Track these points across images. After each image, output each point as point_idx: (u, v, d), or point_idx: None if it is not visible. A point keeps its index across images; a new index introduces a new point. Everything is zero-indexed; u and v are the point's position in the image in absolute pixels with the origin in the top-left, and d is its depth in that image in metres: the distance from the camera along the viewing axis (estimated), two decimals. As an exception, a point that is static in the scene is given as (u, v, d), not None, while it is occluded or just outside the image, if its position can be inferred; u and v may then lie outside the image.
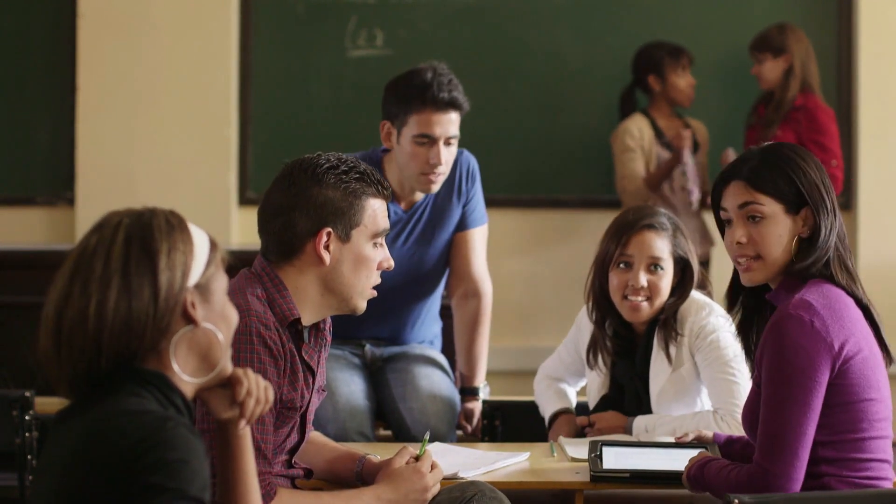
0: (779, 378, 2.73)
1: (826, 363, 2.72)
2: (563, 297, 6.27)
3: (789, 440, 2.71)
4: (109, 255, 2.02)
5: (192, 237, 2.09)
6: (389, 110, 3.95)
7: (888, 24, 6.28)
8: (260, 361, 2.69)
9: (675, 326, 3.53)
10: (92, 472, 1.91)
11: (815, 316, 2.73)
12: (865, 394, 2.76)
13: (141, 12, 6.15)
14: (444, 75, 3.93)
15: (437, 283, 4.14)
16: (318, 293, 2.81)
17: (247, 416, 2.15)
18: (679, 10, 6.32)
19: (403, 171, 3.93)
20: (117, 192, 6.04)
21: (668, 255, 3.57)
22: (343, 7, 6.27)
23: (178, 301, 2.04)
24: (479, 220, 4.13)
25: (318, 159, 2.81)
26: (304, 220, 2.77)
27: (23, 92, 6.30)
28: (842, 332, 2.74)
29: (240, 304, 2.67)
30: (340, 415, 3.85)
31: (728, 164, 2.94)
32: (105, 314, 1.99)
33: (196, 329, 2.06)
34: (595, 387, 3.65)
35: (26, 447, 3.73)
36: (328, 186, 2.78)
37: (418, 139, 3.88)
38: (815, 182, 2.82)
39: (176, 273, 2.04)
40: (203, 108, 6.18)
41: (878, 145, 6.19)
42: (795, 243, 2.82)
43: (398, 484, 2.83)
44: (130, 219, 2.06)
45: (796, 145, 2.93)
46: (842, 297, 2.80)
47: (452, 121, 3.91)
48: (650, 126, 5.99)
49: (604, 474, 3.01)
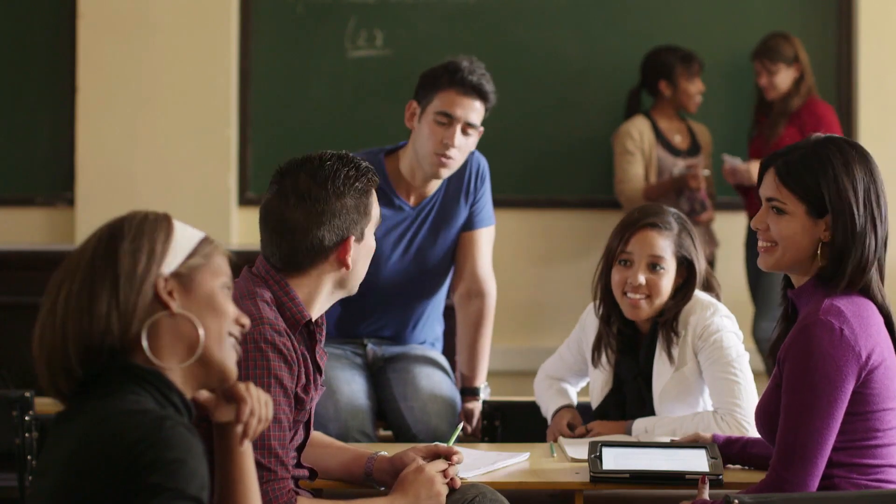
0: (803, 385, 2.70)
1: (853, 373, 2.70)
2: (563, 298, 6.27)
3: (808, 449, 2.70)
4: (83, 251, 2.06)
5: (171, 228, 2.09)
6: (419, 91, 4.00)
7: (887, 26, 6.29)
8: (274, 368, 2.69)
9: (677, 327, 3.52)
10: (91, 472, 1.91)
11: (845, 323, 2.70)
12: (885, 403, 2.74)
13: (141, 13, 6.15)
14: (479, 66, 3.99)
15: (441, 282, 4.15)
16: (329, 291, 2.83)
17: (249, 434, 2.16)
18: (679, 13, 6.33)
19: (418, 152, 3.94)
20: (117, 192, 6.05)
21: (671, 255, 3.56)
22: (343, 7, 6.27)
23: (144, 285, 2.03)
24: (487, 220, 4.14)
25: (326, 168, 2.78)
26: (330, 234, 2.77)
27: (23, 92, 6.30)
28: (869, 341, 2.71)
29: (251, 312, 2.68)
30: (342, 414, 3.86)
31: (775, 151, 2.88)
32: (69, 302, 2.02)
33: (175, 317, 2.06)
34: (598, 385, 3.65)
35: (26, 448, 3.73)
36: (346, 196, 2.78)
37: (439, 117, 3.91)
38: (844, 191, 2.74)
39: (139, 257, 2.04)
40: (203, 108, 6.18)
41: (877, 146, 6.19)
42: (821, 249, 2.78)
43: (411, 490, 2.83)
44: (113, 219, 2.09)
45: (853, 145, 2.82)
46: (868, 303, 2.77)
47: (475, 108, 3.94)
48: (651, 128, 6.00)
49: (603, 475, 3.01)
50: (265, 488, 2.65)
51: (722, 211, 6.26)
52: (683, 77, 6.03)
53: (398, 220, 4.01)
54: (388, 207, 3.97)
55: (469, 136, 3.95)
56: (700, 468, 3.00)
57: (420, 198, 4.05)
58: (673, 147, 6.03)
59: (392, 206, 3.99)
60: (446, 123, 3.91)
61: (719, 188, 6.17)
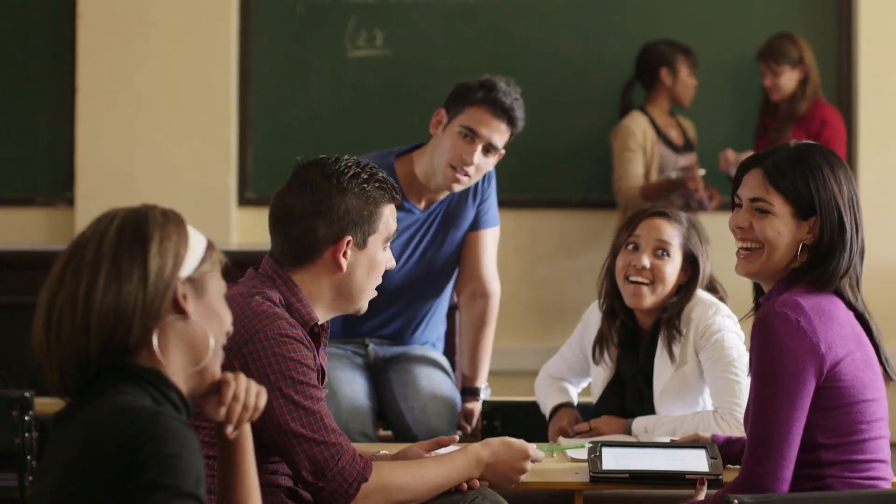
0: (764, 378, 2.71)
1: (812, 364, 2.69)
2: (561, 297, 6.27)
3: (775, 441, 2.70)
4: (102, 242, 2.02)
5: (187, 231, 2.09)
6: (450, 101, 3.98)
7: (888, 27, 6.29)
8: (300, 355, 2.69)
9: (679, 325, 3.52)
10: (88, 471, 1.91)
11: (801, 315, 2.70)
12: (861, 395, 2.74)
13: (141, 13, 6.15)
14: (515, 89, 3.97)
15: (446, 283, 4.15)
16: (331, 297, 2.82)
17: (233, 420, 2.12)
18: (679, 12, 6.33)
19: (435, 159, 3.94)
20: (117, 192, 6.04)
21: (678, 245, 3.55)
22: (343, 7, 6.27)
23: (169, 288, 2.03)
24: (492, 221, 4.14)
25: (338, 165, 2.80)
26: (325, 228, 2.77)
27: (23, 92, 6.30)
28: (829, 333, 2.71)
29: (265, 309, 2.69)
30: (343, 415, 3.86)
31: (756, 153, 2.89)
32: (94, 296, 1.99)
33: (187, 322, 2.06)
34: (600, 382, 3.65)
35: (26, 448, 3.73)
36: (352, 195, 2.78)
37: (464, 130, 3.90)
38: (833, 194, 2.77)
39: (167, 260, 2.03)
40: (203, 108, 6.18)
41: (877, 147, 6.20)
42: (801, 250, 2.79)
43: (501, 451, 2.87)
44: (127, 211, 2.07)
45: (832, 152, 2.85)
46: (833, 300, 2.77)
47: (501, 130, 3.92)
48: (651, 125, 6.00)
49: (603, 475, 3.01)
50: (341, 465, 2.67)
51: (723, 211, 6.25)
52: (685, 67, 6.03)
53: (408, 223, 4.01)
54: (398, 210, 3.97)
55: (489, 157, 3.95)
56: (700, 468, 3.00)
57: (430, 202, 4.05)
58: (672, 143, 6.03)
59: (402, 209, 3.98)
60: (469, 138, 3.90)
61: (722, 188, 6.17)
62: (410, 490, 2.76)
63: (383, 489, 2.72)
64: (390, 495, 2.73)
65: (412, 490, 2.77)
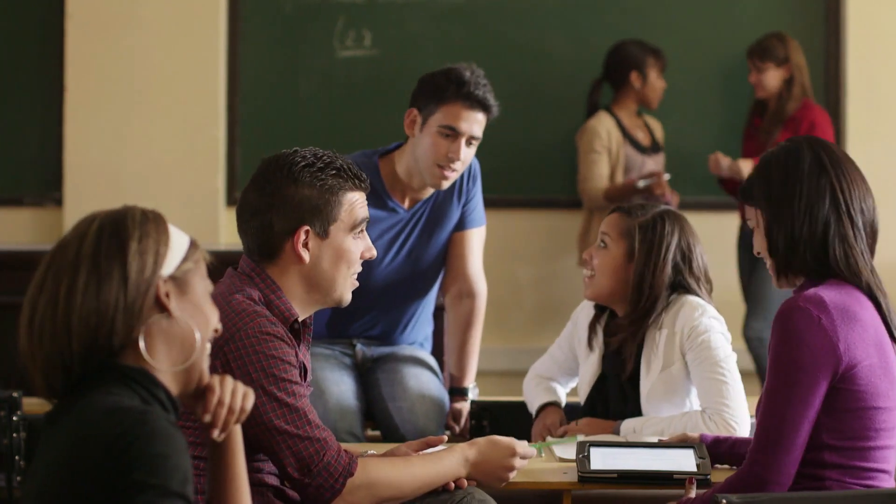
0: (779, 371, 2.71)
1: (828, 363, 2.69)
2: (543, 297, 6.28)
3: (782, 435, 2.69)
4: (81, 244, 2.03)
5: (167, 229, 2.09)
6: (419, 99, 3.95)
7: (876, 26, 6.30)
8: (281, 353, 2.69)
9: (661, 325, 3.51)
10: (77, 471, 1.91)
11: (823, 312, 2.69)
12: (874, 401, 2.73)
13: (129, 13, 6.14)
14: (481, 76, 3.95)
15: (432, 283, 4.15)
16: (304, 290, 2.81)
17: (218, 425, 2.12)
18: (668, 13, 6.34)
19: (419, 161, 3.93)
20: (105, 192, 6.04)
21: (617, 235, 3.54)
22: (331, 7, 6.27)
23: (150, 287, 2.03)
24: (478, 221, 4.14)
25: (293, 157, 2.80)
26: (280, 220, 2.77)
27: (11, 92, 6.29)
28: (850, 334, 2.70)
29: (245, 308, 2.69)
30: (331, 415, 3.86)
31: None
32: (74, 298, 1.99)
33: (171, 321, 2.06)
34: (587, 378, 3.65)
35: (14, 448, 3.72)
36: (304, 185, 2.77)
37: (443, 130, 3.88)
38: (776, 179, 2.78)
39: (147, 259, 2.03)
40: (191, 108, 6.18)
41: (865, 147, 6.20)
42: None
43: (488, 450, 2.87)
44: (107, 213, 2.08)
45: (790, 141, 2.86)
46: (861, 300, 2.76)
47: (479, 121, 3.92)
48: (617, 126, 6.01)
49: (592, 475, 3.01)
50: (326, 460, 2.67)
51: (714, 211, 6.27)
52: (654, 70, 6.05)
53: (392, 222, 4.00)
54: (382, 210, 3.97)
55: (472, 147, 3.95)
56: (688, 468, 3.00)
57: (414, 200, 4.05)
58: (639, 144, 6.04)
59: (386, 209, 3.98)
60: (452, 136, 3.90)
61: (711, 189, 6.18)
62: (396, 486, 2.76)
63: (369, 485, 2.72)
64: (376, 491, 2.73)
65: (398, 486, 2.76)
